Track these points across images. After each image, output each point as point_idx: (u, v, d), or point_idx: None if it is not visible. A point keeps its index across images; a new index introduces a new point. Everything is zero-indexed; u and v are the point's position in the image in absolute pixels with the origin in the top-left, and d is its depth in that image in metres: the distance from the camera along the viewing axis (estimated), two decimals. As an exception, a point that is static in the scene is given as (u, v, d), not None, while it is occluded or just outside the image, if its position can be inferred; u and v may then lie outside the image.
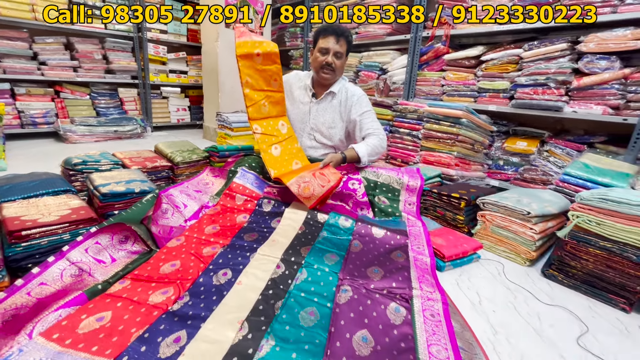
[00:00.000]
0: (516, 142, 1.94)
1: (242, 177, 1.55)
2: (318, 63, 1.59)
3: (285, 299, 0.87)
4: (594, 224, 1.02)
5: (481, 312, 0.95)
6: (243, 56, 1.49)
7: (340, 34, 1.56)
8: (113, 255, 1.03)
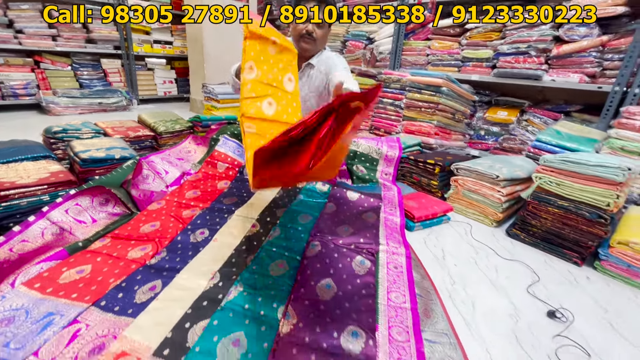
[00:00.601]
0: (497, 111, 1.96)
1: (224, 145, 1.57)
2: (297, 32, 1.44)
3: (257, 253, 0.92)
4: (554, 185, 1.08)
5: (443, 265, 1.01)
6: (255, 35, 1.09)
7: (322, 0, 1.42)
8: (94, 216, 1.07)
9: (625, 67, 1.45)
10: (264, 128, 0.99)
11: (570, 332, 0.78)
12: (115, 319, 0.68)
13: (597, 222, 1.00)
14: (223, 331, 0.65)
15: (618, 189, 0.96)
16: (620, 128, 1.27)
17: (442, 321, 0.78)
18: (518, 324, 0.79)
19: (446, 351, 0.69)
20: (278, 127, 1.01)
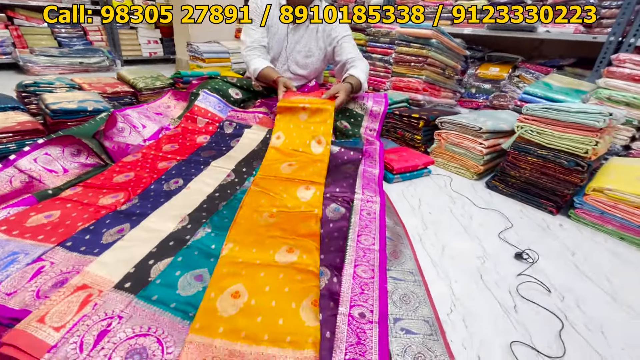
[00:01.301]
0: (489, 68, 1.89)
1: (204, 100, 1.52)
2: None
3: (229, 200, 0.91)
4: (535, 134, 1.06)
5: (418, 213, 1.01)
6: (284, 109, 1.26)
7: None
8: (65, 166, 1.05)
9: (622, 15, 1.38)
10: (274, 185, 0.96)
11: (535, 272, 0.79)
12: (80, 257, 0.69)
13: (574, 170, 0.99)
14: (186, 267, 0.66)
15: (597, 135, 0.94)
16: (609, 77, 1.23)
17: (410, 261, 0.79)
18: (484, 264, 0.81)
19: (410, 288, 0.71)
20: (289, 185, 0.96)
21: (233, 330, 0.52)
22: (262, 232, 0.76)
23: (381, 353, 0.53)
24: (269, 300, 0.59)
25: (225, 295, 0.59)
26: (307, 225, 0.78)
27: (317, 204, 0.87)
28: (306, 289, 0.60)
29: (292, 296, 0.59)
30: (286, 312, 0.56)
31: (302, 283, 0.62)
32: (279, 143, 1.17)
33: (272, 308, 0.57)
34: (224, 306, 0.57)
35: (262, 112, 1.50)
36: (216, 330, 0.52)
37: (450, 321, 0.64)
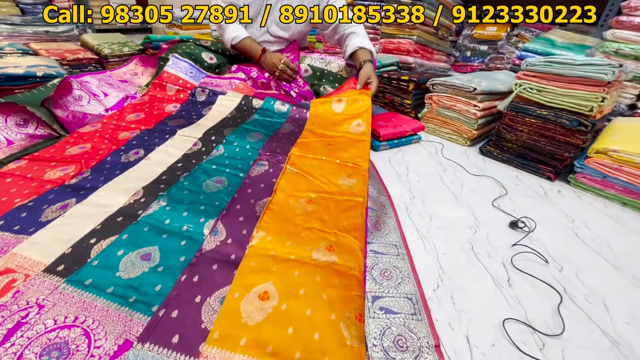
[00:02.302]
0: (486, 27, 1.75)
1: (174, 66, 1.38)
2: None
3: (192, 170, 0.81)
4: (535, 92, 0.95)
5: (405, 182, 0.93)
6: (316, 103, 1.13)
7: None
8: (9, 137, 0.93)
9: (634, -41, 1.24)
10: (312, 167, 0.83)
11: (531, 241, 0.72)
12: (11, 238, 0.59)
13: (576, 131, 0.90)
14: (132, 245, 0.57)
15: (605, 90, 0.84)
16: (617, 27, 1.11)
17: (394, 233, 0.71)
18: (476, 235, 0.73)
19: (392, 262, 0.63)
20: (331, 170, 0.82)
21: (258, 343, 0.43)
22: (298, 221, 0.65)
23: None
24: (303, 307, 0.48)
25: (252, 295, 0.49)
26: (351, 217, 0.67)
27: (361, 192, 0.75)
28: (348, 299, 0.50)
29: (332, 305, 0.49)
30: (324, 325, 0.46)
31: (343, 290, 0.51)
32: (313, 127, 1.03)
33: (307, 318, 0.47)
34: (249, 310, 0.47)
35: (239, 78, 1.37)
36: (238, 342, 0.43)
37: (437, 298, 0.57)
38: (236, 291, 0.49)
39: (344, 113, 1.07)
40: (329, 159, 0.86)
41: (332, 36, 1.42)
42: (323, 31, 1.46)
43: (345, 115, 1.06)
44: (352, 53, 1.27)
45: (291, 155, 0.87)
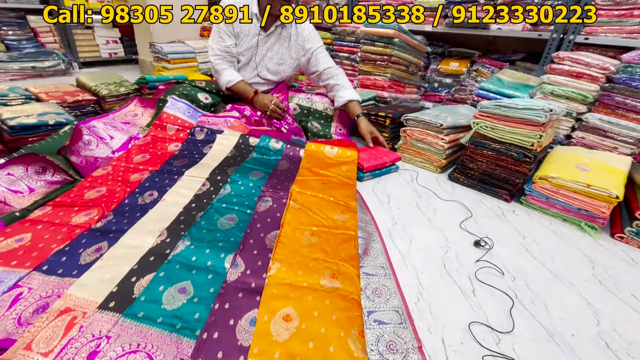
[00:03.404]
0: (449, 63, 1.99)
1: (173, 107, 1.51)
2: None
3: (206, 210, 0.93)
4: (489, 129, 1.15)
5: (387, 209, 1.08)
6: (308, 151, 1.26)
7: None
8: (30, 185, 1.02)
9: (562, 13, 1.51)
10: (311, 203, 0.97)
11: (491, 257, 0.89)
12: (59, 281, 0.69)
13: (523, 161, 1.10)
14: (169, 281, 0.68)
15: (541, 129, 1.05)
16: (551, 73, 1.35)
17: (381, 256, 0.85)
18: (447, 254, 0.89)
19: (381, 281, 0.77)
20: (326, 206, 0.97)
21: (289, 356, 0.55)
22: (305, 253, 0.79)
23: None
24: (319, 326, 0.61)
25: (278, 318, 0.61)
26: (347, 248, 0.82)
27: (353, 227, 0.90)
28: (351, 319, 0.63)
29: (340, 324, 0.61)
30: (336, 340, 0.58)
31: (347, 312, 0.64)
32: (309, 165, 1.20)
33: (323, 335, 0.59)
34: (278, 330, 0.59)
35: (234, 117, 1.51)
36: (273, 355, 0.55)
37: (418, 309, 0.71)
38: (265, 315, 0.62)
39: (335, 158, 1.25)
40: (324, 197, 1.01)
41: (316, 80, 1.61)
42: (308, 74, 1.64)
43: (337, 160, 1.24)
44: (345, 105, 1.48)
45: (292, 192, 1.02)
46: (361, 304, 0.68)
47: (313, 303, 0.66)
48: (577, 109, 1.31)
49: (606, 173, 1.04)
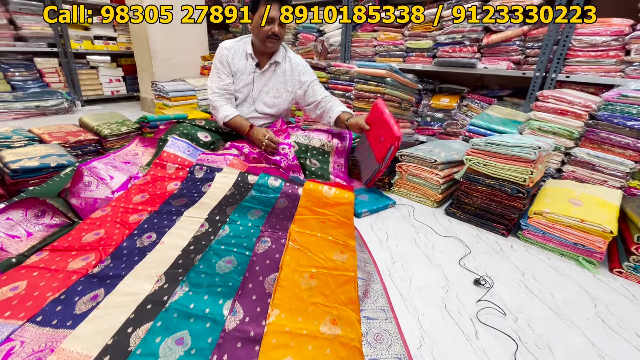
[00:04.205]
0: (440, 98, 2.08)
1: (173, 146, 1.54)
2: (264, 32, 1.47)
3: (204, 252, 0.93)
4: (482, 165, 1.18)
5: (386, 246, 1.09)
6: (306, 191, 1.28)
7: (286, 0, 1.46)
8: (28, 229, 1.02)
9: (543, 54, 1.60)
10: (310, 243, 0.98)
11: (492, 296, 0.88)
12: (52, 333, 0.68)
13: (517, 197, 1.12)
14: (166, 332, 0.67)
15: (532, 166, 1.08)
16: (537, 110, 1.41)
17: (382, 298, 0.85)
18: (448, 294, 0.88)
19: (382, 326, 0.76)
20: (325, 246, 0.98)
21: None
22: (305, 297, 0.78)
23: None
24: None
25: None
26: (347, 291, 0.81)
27: (352, 267, 0.90)
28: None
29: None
30: None
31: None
32: (308, 204, 1.21)
33: None
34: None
35: (233, 154, 1.54)
36: None
37: (420, 355, 0.70)
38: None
39: (333, 198, 1.27)
40: (323, 236, 1.02)
41: (313, 110, 1.68)
42: (305, 106, 1.71)
43: (334, 200, 1.26)
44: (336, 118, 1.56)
45: (291, 232, 1.02)
46: (362, 352, 0.66)
47: (313, 352, 0.64)
48: (565, 144, 1.36)
49: (598, 207, 1.06)
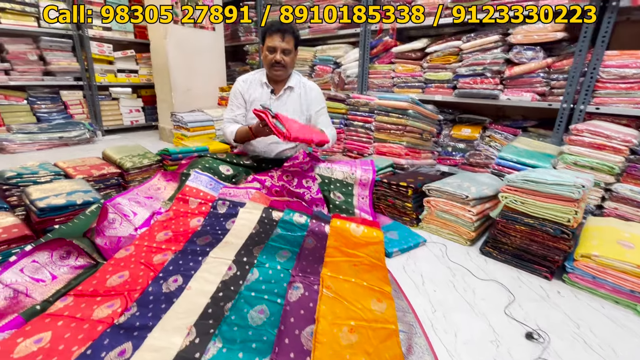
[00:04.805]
0: (461, 129, 2.06)
1: (196, 180, 1.53)
2: (268, 61, 1.62)
3: (235, 300, 0.88)
4: (519, 203, 1.13)
5: (424, 292, 1.02)
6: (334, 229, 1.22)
7: (285, 30, 1.58)
8: (53, 272, 0.99)
9: (569, 86, 1.58)
10: (345, 290, 0.93)
11: (549, 354, 0.80)
12: (79, 396, 0.63)
13: (561, 238, 1.06)
14: (201, 398, 0.61)
15: (576, 205, 1.03)
16: (571, 144, 1.37)
17: (428, 355, 0.78)
18: (499, 350, 0.81)
19: (432, 389, 0.69)
20: (361, 294, 0.92)
21: None
22: (346, 355, 0.72)
23: None
24: None
25: None
26: (389, 347, 0.75)
27: (392, 318, 0.85)
28: None
29: None
30: None
31: None
32: (337, 244, 1.16)
33: None
34: None
35: (255, 188, 1.52)
36: None
37: None
38: None
39: (361, 238, 1.22)
40: (357, 281, 0.96)
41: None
42: None
43: (364, 240, 1.21)
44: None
45: (324, 277, 0.97)
46: None
47: None
48: (605, 179, 1.31)
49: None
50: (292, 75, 1.73)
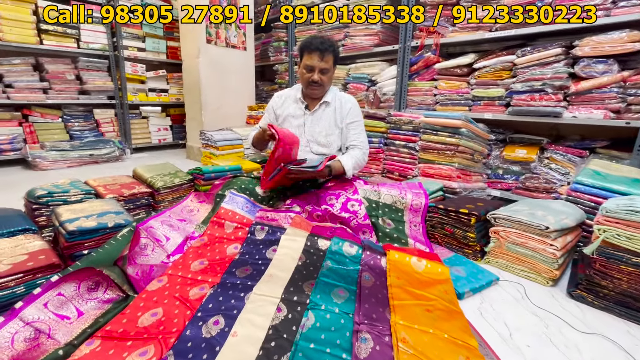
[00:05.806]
0: (515, 150, 1.88)
1: (231, 202, 1.41)
2: (305, 80, 1.55)
3: (291, 354, 0.72)
4: (624, 239, 0.94)
5: (514, 347, 0.83)
6: (395, 269, 1.03)
7: (324, 49, 1.48)
8: (80, 307, 0.87)
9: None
10: (425, 345, 0.76)
11: None
12: None
13: (687, 284, 0.85)
14: None
15: None
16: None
17: None
18: None
19: None
20: (445, 351, 0.75)
21: None
22: None
23: None
24: None
25: None
26: None
27: None
28: None
29: None
30: None
31: None
32: (400, 283, 0.99)
33: None
34: None
35: (295, 211, 1.38)
36: None
37: None
38: None
39: (426, 274, 1.03)
40: (436, 333, 0.79)
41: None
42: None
43: (428, 277, 1.02)
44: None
45: (396, 326, 0.80)
46: None
47: None
48: None
49: None
50: (330, 90, 1.64)
